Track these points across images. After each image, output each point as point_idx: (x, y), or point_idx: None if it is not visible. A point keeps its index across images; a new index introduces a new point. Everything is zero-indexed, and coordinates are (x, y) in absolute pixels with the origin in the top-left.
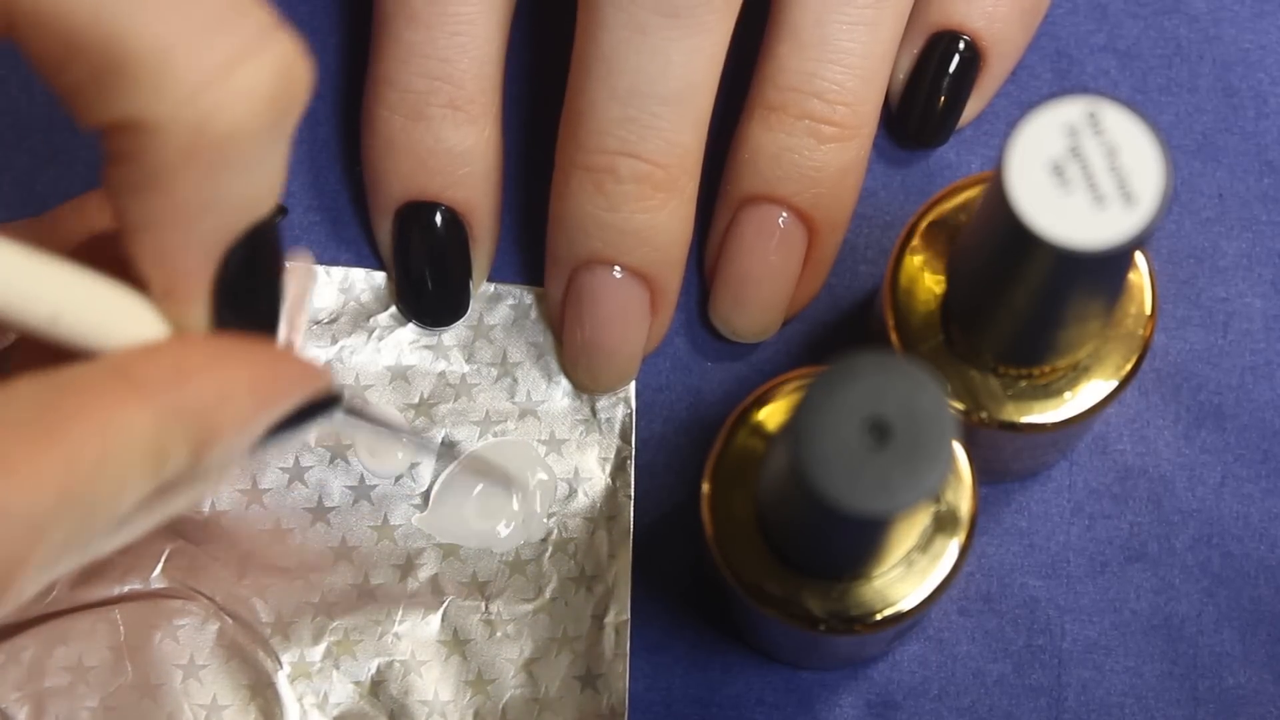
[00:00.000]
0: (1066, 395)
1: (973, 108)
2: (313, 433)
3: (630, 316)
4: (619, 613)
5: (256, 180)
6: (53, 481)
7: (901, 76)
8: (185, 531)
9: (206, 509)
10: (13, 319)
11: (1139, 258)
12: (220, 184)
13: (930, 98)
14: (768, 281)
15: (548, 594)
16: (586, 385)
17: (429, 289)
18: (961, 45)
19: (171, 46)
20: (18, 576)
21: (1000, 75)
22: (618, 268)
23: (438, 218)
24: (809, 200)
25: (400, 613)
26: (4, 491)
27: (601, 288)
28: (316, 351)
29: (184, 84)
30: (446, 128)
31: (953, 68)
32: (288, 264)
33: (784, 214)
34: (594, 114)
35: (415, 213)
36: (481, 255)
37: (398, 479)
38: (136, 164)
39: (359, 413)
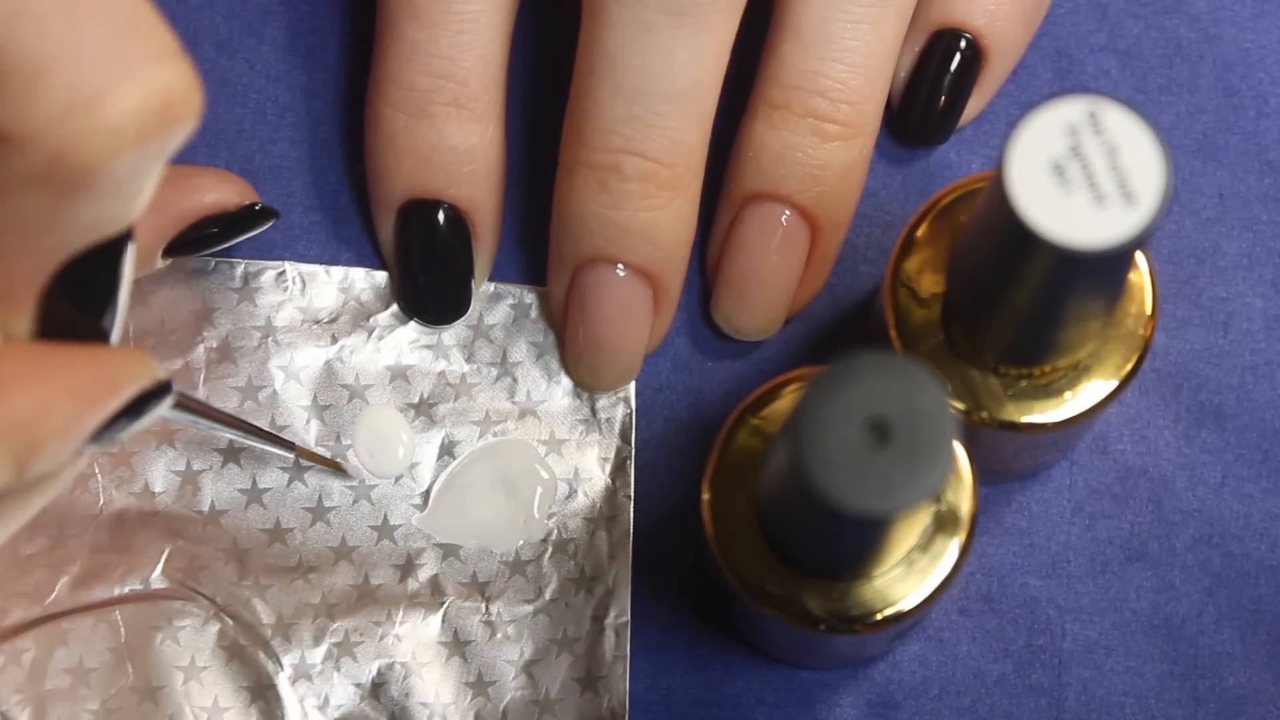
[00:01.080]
0: (1067, 395)
1: (974, 106)
2: (147, 421)
3: (633, 315)
4: (619, 614)
5: (109, 206)
6: None
7: (903, 75)
8: (185, 531)
9: (206, 509)
10: None
11: (1139, 257)
12: (66, 209)
13: (931, 96)
14: (770, 280)
15: (548, 595)
16: (588, 384)
17: (430, 287)
18: (963, 44)
19: (46, 66)
20: None
21: (1001, 74)
22: (621, 266)
23: (440, 215)
24: (812, 198)
25: (400, 614)
26: None
27: (605, 286)
28: (316, 351)
29: (50, 108)
30: (450, 125)
31: (954, 66)
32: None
33: (787, 212)
34: (599, 112)
35: (418, 210)
36: (483, 254)
37: (398, 479)
38: None
39: (191, 407)
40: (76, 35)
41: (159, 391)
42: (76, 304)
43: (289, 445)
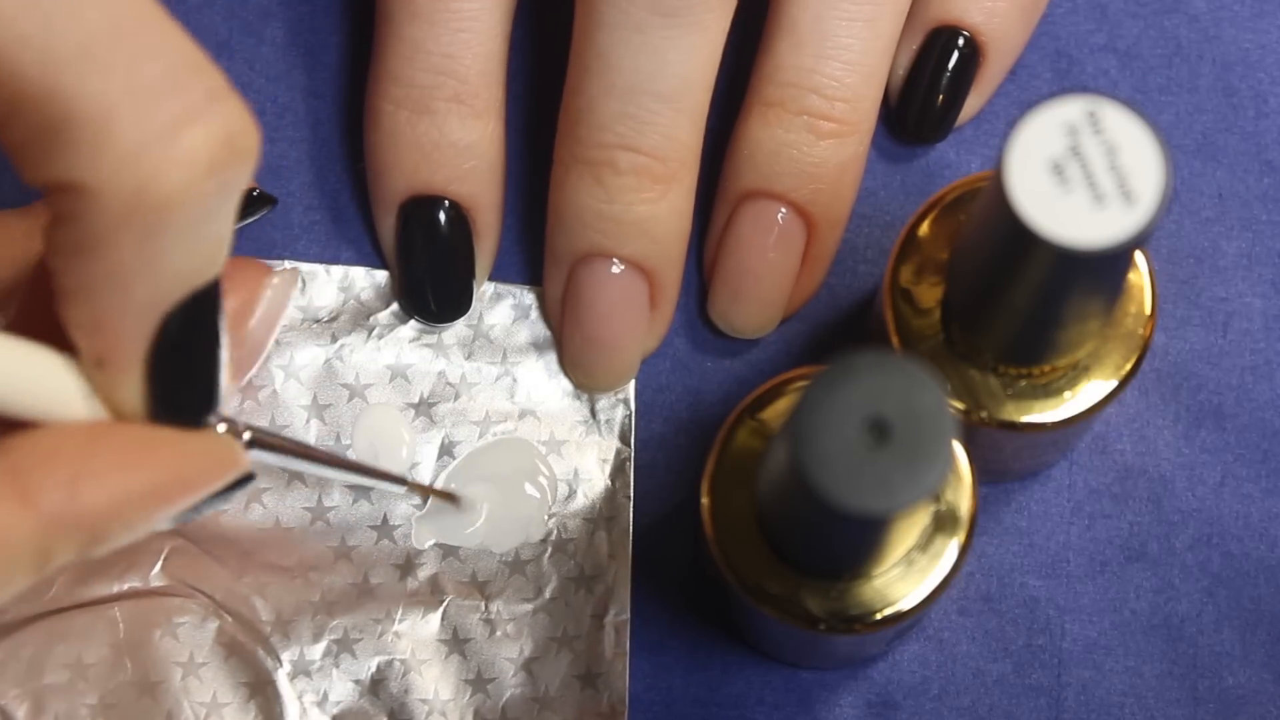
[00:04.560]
0: (1066, 395)
1: (973, 104)
2: (232, 500)
3: (630, 310)
4: (619, 612)
5: (195, 248)
6: None
7: (901, 72)
8: (185, 530)
9: None
10: None
11: (1139, 257)
12: (156, 251)
13: (930, 93)
14: (766, 277)
15: (548, 594)
16: (585, 382)
17: (432, 284)
18: (961, 41)
19: (113, 109)
20: None
21: (1000, 71)
22: (617, 262)
23: (441, 212)
24: (807, 196)
25: (400, 611)
26: None
27: (601, 281)
28: (316, 350)
29: (123, 149)
30: (451, 121)
31: (952, 63)
32: (273, 270)
33: (782, 210)
34: (592, 110)
35: (419, 207)
36: (484, 251)
37: None
38: (73, 227)
39: (283, 453)
40: (139, 78)
41: (241, 480)
42: (181, 365)
43: (399, 480)
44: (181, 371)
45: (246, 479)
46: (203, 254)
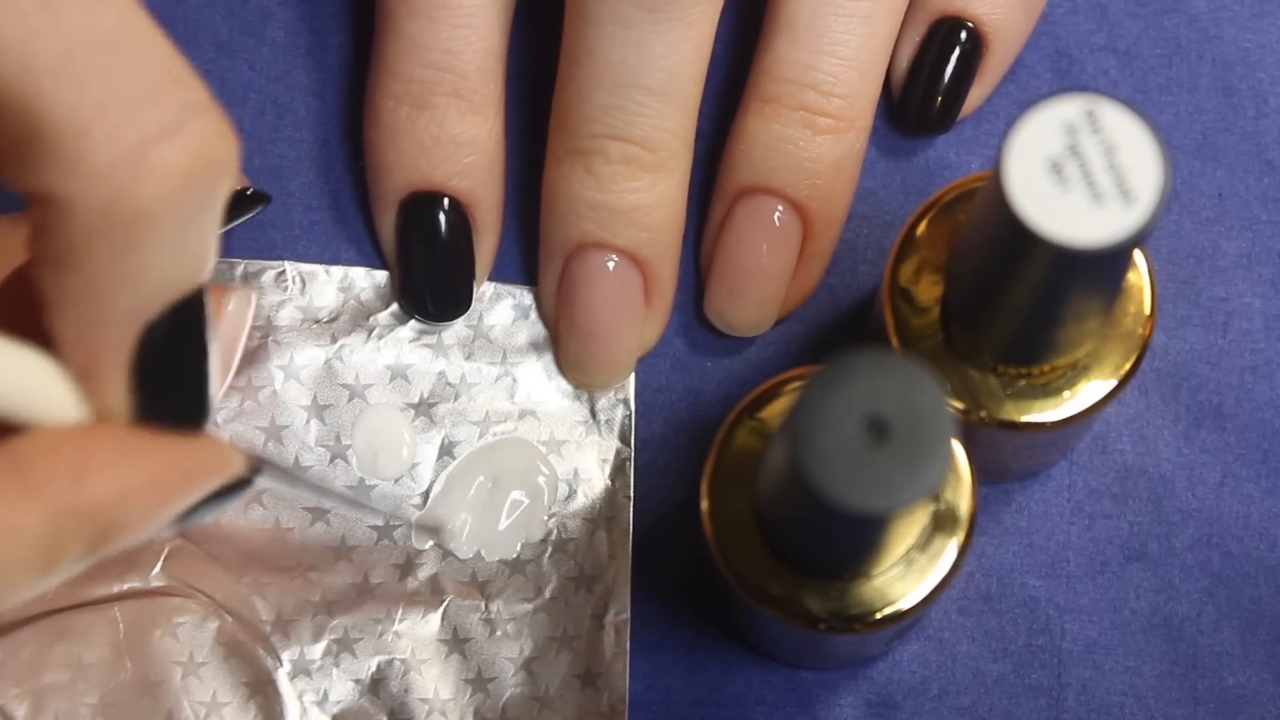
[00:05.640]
0: (1066, 394)
1: (976, 96)
2: (225, 509)
3: (624, 303)
4: (619, 611)
5: (174, 259)
6: None
7: (904, 63)
8: (185, 530)
9: None
10: None
11: (1138, 257)
12: (133, 263)
13: (932, 84)
14: (762, 274)
15: (547, 594)
16: (581, 380)
17: (432, 281)
18: (964, 33)
19: (88, 121)
20: None
21: (1003, 63)
22: (611, 256)
23: (441, 209)
24: (804, 192)
25: (400, 611)
26: None
27: (595, 274)
28: (315, 350)
29: (97, 162)
30: (451, 117)
31: (955, 54)
32: (231, 293)
33: (779, 207)
34: (582, 102)
35: (419, 203)
36: (485, 248)
37: (398, 479)
38: (52, 238)
39: (281, 477)
40: (115, 90)
41: (239, 484)
42: (166, 374)
43: (385, 514)
44: (167, 380)
45: (245, 483)
46: (183, 264)
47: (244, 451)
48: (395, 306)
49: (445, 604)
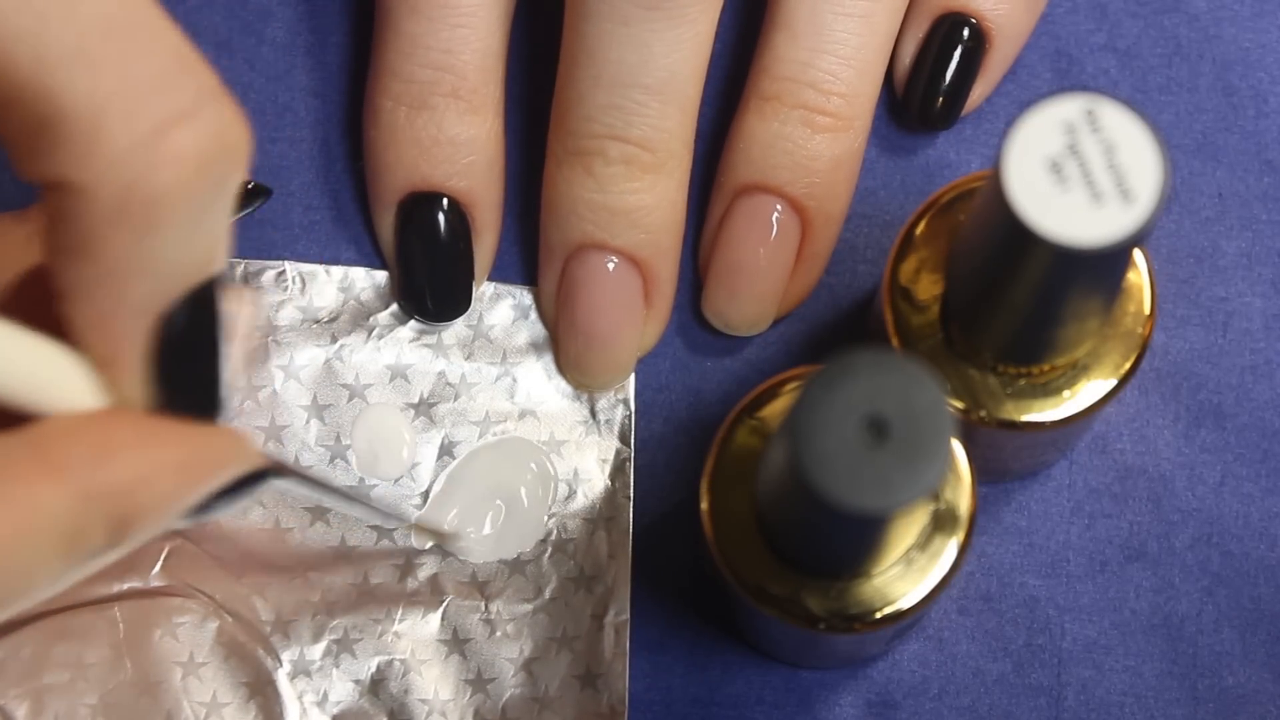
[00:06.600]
0: (1066, 394)
1: (978, 92)
2: (243, 502)
3: (624, 304)
4: (618, 612)
5: (190, 246)
6: None
7: (907, 60)
8: (184, 531)
9: None
10: None
11: (1138, 256)
12: (149, 250)
13: (935, 80)
14: (760, 273)
15: (547, 594)
16: (581, 380)
17: (432, 281)
18: (966, 30)
19: (103, 108)
20: None
21: (1006, 59)
22: (611, 257)
23: (440, 209)
24: (803, 190)
25: (400, 612)
26: None
27: (594, 275)
28: (315, 350)
29: (113, 147)
30: (450, 117)
31: (958, 50)
32: (232, 292)
33: (778, 205)
34: (581, 102)
35: (418, 203)
36: (484, 247)
37: (398, 479)
38: (68, 226)
39: (294, 477)
40: (130, 77)
41: (257, 475)
42: (182, 362)
43: (398, 519)
44: (183, 369)
45: (262, 476)
46: (198, 252)
47: (262, 451)
48: (395, 306)
49: (445, 604)
